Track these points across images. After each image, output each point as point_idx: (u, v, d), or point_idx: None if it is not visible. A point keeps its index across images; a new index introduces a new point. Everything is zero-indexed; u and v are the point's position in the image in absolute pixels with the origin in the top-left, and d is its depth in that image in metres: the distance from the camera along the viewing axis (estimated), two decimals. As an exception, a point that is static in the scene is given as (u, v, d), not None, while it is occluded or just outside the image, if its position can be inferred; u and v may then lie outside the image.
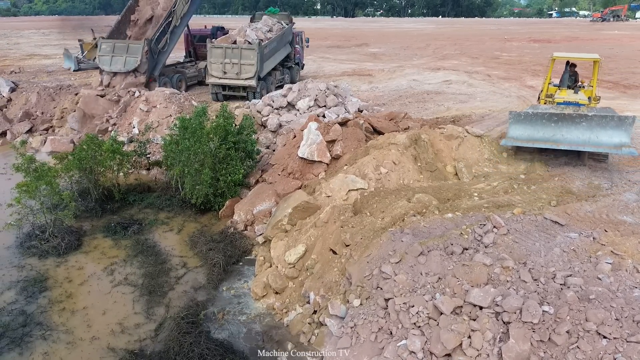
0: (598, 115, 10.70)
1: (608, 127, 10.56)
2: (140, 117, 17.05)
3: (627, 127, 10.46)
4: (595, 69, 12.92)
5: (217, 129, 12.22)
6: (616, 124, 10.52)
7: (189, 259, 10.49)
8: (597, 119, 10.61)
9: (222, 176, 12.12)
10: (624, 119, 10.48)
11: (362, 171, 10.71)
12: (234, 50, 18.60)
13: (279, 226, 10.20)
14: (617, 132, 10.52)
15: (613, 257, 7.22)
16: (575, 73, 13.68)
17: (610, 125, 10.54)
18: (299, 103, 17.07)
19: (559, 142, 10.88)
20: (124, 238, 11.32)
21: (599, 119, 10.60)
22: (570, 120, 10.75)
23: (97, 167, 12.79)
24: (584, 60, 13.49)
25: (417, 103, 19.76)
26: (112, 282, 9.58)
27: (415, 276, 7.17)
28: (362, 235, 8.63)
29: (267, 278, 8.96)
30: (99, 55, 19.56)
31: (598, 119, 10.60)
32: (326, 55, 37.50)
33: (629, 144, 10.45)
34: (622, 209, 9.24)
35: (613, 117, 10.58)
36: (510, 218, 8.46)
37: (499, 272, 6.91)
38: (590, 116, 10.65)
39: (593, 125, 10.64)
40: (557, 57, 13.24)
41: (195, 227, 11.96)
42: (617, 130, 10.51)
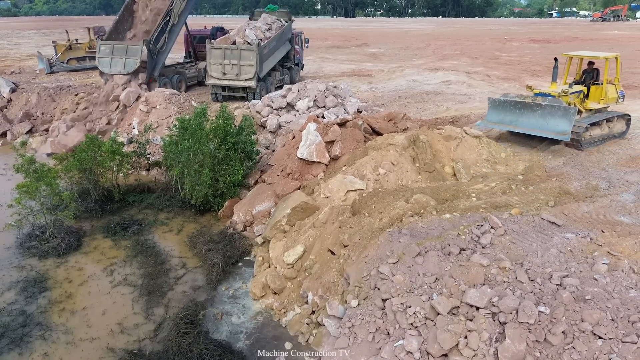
0: (549, 105, 12.20)
1: (556, 116, 12.08)
2: (140, 117, 17.09)
3: (570, 116, 11.85)
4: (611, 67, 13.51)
5: (217, 130, 12.27)
6: (562, 114, 11.97)
7: (189, 259, 10.53)
8: (548, 108, 12.18)
9: (222, 177, 12.17)
10: (569, 110, 11.94)
11: (361, 172, 10.75)
12: (233, 51, 18.64)
13: (278, 227, 10.24)
14: (562, 121, 11.98)
15: (609, 257, 7.27)
16: (594, 70, 13.99)
17: (557, 115, 12.04)
18: (299, 104, 17.11)
19: (518, 126, 12.77)
20: (123, 238, 11.37)
21: (550, 109, 12.16)
22: (529, 108, 12.52)
23: (97, 168, 12.84)
24: (598, 58, 13.80)
25: (416, 103, 19.81)
26: (111, 283, 9.62)
27: (412, 277, 7.22)
28: (361, 236, 8.67)
29: (266, 278, 9.01)
30: (98, 57, 19.59)
31: (549, 108, 12.16)
32: (326, 56, 37.55)
33: (569, 131, 11.96)
34: (620, 209, 9.28)
35: (560, 107, 12.05)
36: (508, 218, 8.50)
37: (495, 272, 6.95)
38: (544, 105, 12.25)
39: (545, 113, 12.25)
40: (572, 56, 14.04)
41: (195, 228, 12.00)
42: (562, 120, 11.97)
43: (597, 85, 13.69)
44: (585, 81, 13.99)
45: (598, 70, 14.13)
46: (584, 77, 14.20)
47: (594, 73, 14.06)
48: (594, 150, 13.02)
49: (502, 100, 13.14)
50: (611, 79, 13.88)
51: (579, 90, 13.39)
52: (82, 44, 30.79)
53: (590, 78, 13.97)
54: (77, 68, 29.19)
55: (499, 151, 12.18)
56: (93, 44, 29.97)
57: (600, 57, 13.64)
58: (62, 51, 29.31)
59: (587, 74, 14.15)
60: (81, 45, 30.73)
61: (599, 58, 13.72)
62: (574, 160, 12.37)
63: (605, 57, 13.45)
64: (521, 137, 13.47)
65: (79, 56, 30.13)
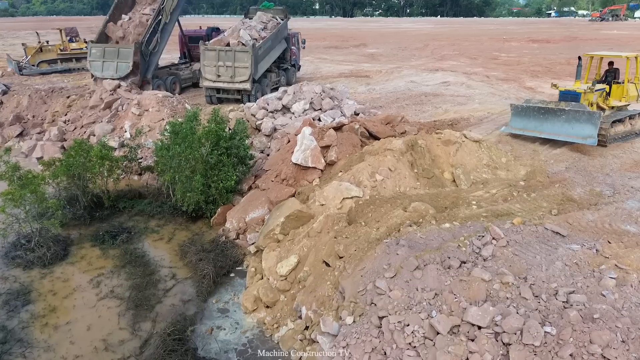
0: (573, 110, 12.20)
1: (581, 120, 12.12)
2: (133, 120, 16.72)
3: (595, 120, 11.89)
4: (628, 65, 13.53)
5: (209, 134, 11.90)
6: (587, 118, 11.99)
7: (179, 269, 10.17)
8: (572, 113, 12.18)
9: (214, 183, 11.80)
10: (593, 114, 11.96)
11: (357, 178, 10.40)
12: (228, 52, 18.25)
13: (271, 236, 9.88)
14: (587, 125, 12.02)
15: (617, 271, 6.91)
16: (615, 70, 14.17)
17: (582, 119, 12.07)
18: (294, 106, 16.75)
19: (543, 131, 12.77)
20: (112, 247, 11.00)
21: (574, 113, 12.16)
22: (553, 113, 12.54)
23: (85, 174, 12.46)
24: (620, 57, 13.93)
25: (414, 105, 19.45)
26: (97, 295, 9.25)
27: (410, 292, 6.85)
28: (357, 247, 8.32)
29: (258, 291, 8.65)
30: (90, 61, 19.15)
31: (573, 113, 12.16)
32: (323, 56, 37.20)
33: (595, 135, 11.95)
34: (626, 217, 8.93)
35: (584, 112, 12.05)
36: (510, 228, 8.15)
37: (498, 288, 6.59)
38: (567, 110, 12.27)
39: (570, 118, 12.27)
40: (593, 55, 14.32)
41: (186, 236, 11.64)
42: (587, 124, 12.01)
43: (618, 84, 13.89)
44: (607, 80, 14.22)
45: (618, 69, 14.34)
46: (605, 76, 14.44)
47: (615, 72, 14.27)
48: (597, 154, 12.67)
49: (525, 106, 13.23)
50: (631, 78, 14.09)
51: (602, 89, 13.56)
52: (54, 46, 29.60)
53: (612, 77, 14.19)
54: (47, 71, 28.12)
55: (500, 156, 11.83)
56: (66, 45, 29.21)
57: (622, 56, 13.82)
58: (32, 54, 28.26)
59: (608, 73, 14.39)
60: (52, 48, 29.53)
61: (621, 57, 13.90)
62: (577, 164, 12.03)
63: (626, 57, 13.63)
64: (521, 140, 13.17)
65: (49, 59, 29.00)
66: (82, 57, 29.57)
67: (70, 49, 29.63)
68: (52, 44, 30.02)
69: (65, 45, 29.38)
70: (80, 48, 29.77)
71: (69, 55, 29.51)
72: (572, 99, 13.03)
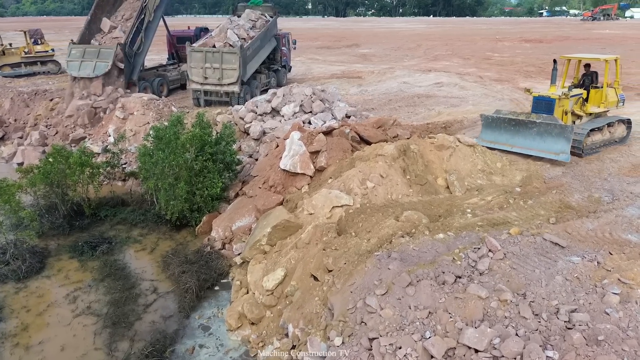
0: (545, 122, 11.48)
1: (553, 134, 11.38)
2: (117, 124, 16.19)
3: (568, 135, 11.17)
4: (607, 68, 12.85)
5: (193, 139, 11.42)
6: (559, 132, 11.28)
7: (160, 282, 9.69)
8: (544, 126, 11.47)
9: (199, 190, 11.33)
10: (565, 128, 11.23)
11: (348, 185, 9.96)
12: (215, 54, 17.73)
13: (257, 247, 9.43)
14: (559, 139, 11.29)
15: (620, 286, 6.52)
16: (593, 73, 13.40)
17: (554, 133, 11.35)
18: (284, 109, 16.30)
19: (515, 145, 11.95)
20: (91, 259, 10.50)
21: (545, 126, 11.45)
22: (524, 125, 11.82)
23: (65, 181, 11.94)
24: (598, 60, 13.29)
25: (407, 107, 19.07)
26: (73, 312, 8.75)
27: (403, 310, 6.43)
28: (346, 260, 7.89)
29: (243, 307, 8.19)
30: (68, 61, 18.54)
31: (545, 126, 11.45)
32: (315, 57, 36.77)
33: (567, 151, 11.26)
34: (626, 226, 8.58)
35: (556, 125, 11.33)
36: (507, 239, 7.75)
37: (495, 306, 6.19)
38: (539, 123, 11.56)
39: (541, 132, 11.54)
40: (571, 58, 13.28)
41: (170, 246, 11.16)
42: (559, 138, 11.29)
43: (596, 89, 13.01)
44: (585, 84, 13.36)
45: (597, 73, 13.53)
46: (582, 80, 13.58)
47: (593, 76, 13.44)
48: (594, 158, 12.34)
49: (494, 117, 12.41)
50: (611, 82, 13.28)
51: (579, 94, 12.76)
52: (17, 49, 28.07)
53: (590, 81, 13.34)
54: (9, 75, 26.80)
55: (495, 160, 11.45)
56: (30, 48, 27.93)
57: (600, 59, 13.03)
58: None
59: (586, 76, 13.52)
60: (16, 51, 27.98)
61: (599, 60, 13.12)
62: (574, 169, 11.68)
63: (605, 59, 12.85)
64: None
65: (12, 62, 27.51)
66: (48, 60, 28.65)
67: (35, 52, 28.20)
68: (16, 47, 28.47)
69: (29, 47, 27.96)
70: (45, 51, 28.53)
71: (34, 59, 28.13)
72: (546, 105, 12.16)
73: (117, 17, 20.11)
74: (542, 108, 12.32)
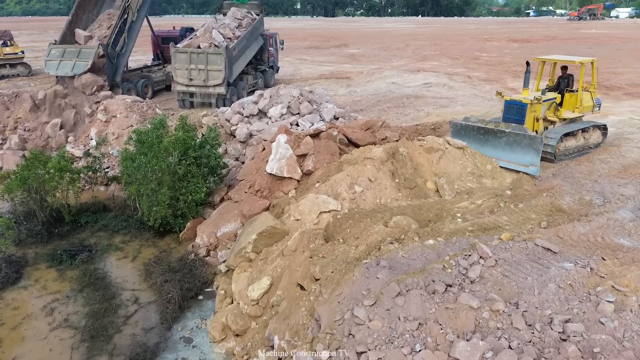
0: (513, 132, 10.98)
1: (522, 144, 10.88)
2: (99, 128, 15.78)
3: (537, 146, 10.67)
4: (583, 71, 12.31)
5: (176, 143, 11.08)
6: (528, 143, 10.77)
7: (142, 292, 9.34)
8: (513, 136, 10.96)
9: (182, 195, 11.00)
10: (535, 139, 10.69)
11: (335, 190, 9.71)
12: (200, 55, 17.37)
13: (243, 254, 9.13)
14: (528, 151, 10.79)
15: (615, 293, 6.35)
16: (569, 76, 12.92)
17: (523, 144, 10.85)
18: (271, 110, 16.02)
19: (485, 154, 11.28)
20: (70, 268, 10.11)
21: (514, 136, 10.94)
22: (493, 134, 11.37)
23: (43, 187, 11.53)
24: (573, 62, 12.72)
25: (396, 108, 18.89)
26: (50, 325, 8.37)
27: (392, 322, 6.19)
28: (334, 268, 7.63)
29: (227, 318, 7.89)
30: (46, 60, 18.04)
31: (514, 136, 10.94)
32: (304, 57, 36.49)
33: (537, 164, 10.81)
34: (619, 229, 8.45)
35: (525, 135, 10.83)
36: (498, 246, 7.55)
37: (487, 316, 5.98)
38: (507, 132, 11.08)
39: (510, 141, 11.03)
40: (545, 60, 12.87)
41: (153, 253, 10.81)
42: (529, 150, 10.78)
43: (571, 93, 12.55)
44: (560, 87, 12.88)
45: (572, 75, 12.99)
46: (558, 83, 13.10)
47: (569, 79, 12.91)
48: (584, 159, 12.25)
49: (463, 124, 11.97)
50: (587, 86, 12.73)
51: (552, 98, 12.26)
52: None
53: (566, 84, 12.84)
54: None
55: (485, 163, 11.26)
56: None
57: (575, 62, 12.51)
58: None
59: (561, 79, 13.01)
60: None
61: (574, 62, 12.59)
62: (564, 171, 11.58)
63: (580, 62, 12.36)
64: None
65: None
66: (18, 63, 27.60)
67: (4, 54, 27.25)
68: None
69: None
70: (14, 53, 27.57)
71: (2, 61, 27.18)
72: (518, 110, 11.67)
73: (95, 26, 19.60)
74: (513, 113, 11.82)
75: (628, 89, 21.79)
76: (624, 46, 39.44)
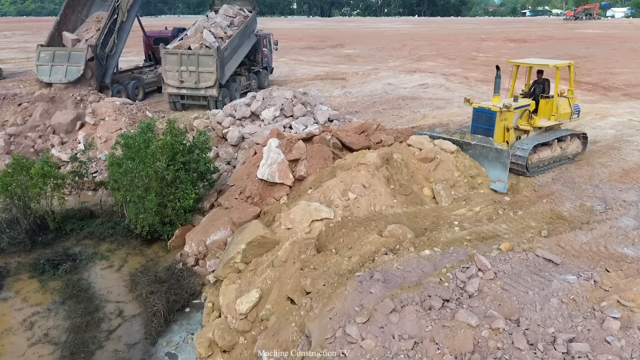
0: (479, 144, 10.47)
1: (489, 158, 10.36)
2: (87, 131, 15.39)
3: (505, 160, 10.08)
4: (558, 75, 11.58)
5: (164, 148, 10.71)
6: (495, 157, 10.24)
7: (127, 304, 8.98)
8: (479, 149, 10.46)
9: (170, 202, 10.62)
10: (502, 152, 10.11)
11: (328, 197, 9.36)
12: (190, 56, 16.95)
13: (231, 264, 8.78)
14: (495, 165, 10.25)
15: (620, 309, 6.03)
16: (545, 81, 11.99)
17: (490, 157, 10.35)
18: (264, 113, 15.64)
19: None
20: (53, 279, 9.73)
21: (480, 149, 10.44)
22: (459, 146, 10.73)
23: (27, 193, 11.14)
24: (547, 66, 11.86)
25: (391, 110, 18.54)
26: (29, 340, 8.01)
27: (386, 341, 5.85)
28: (325, 281, 7.28)
29: (214, 333, 7.53)
30: (37, 65, 17.61)
31: (480, 148, 10.45)
32: (299, 58, 36.11)
33: (505, 180, 10.21)
34: (622, 238, 8.14)
35: (491, 148, 10.31)
36: (497, 257, 7.22)
37: (487, 335, 5.64)
38: (473, 145, 10.56)
39: (477, 155, 10.53)
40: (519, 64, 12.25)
41: (140, 262, 10.44)
42: (496, 164, 10.24)
43: (547, 99, 11.60)
44: (535, 93, 11.95)
45: (548, 80, 11.99)
46: (533, 89, 12.13)
47: (545, 84, 11.94)
48: (584, 163, 11.94)
49: (429, 135, 11.25)
50: (564, 92, 11.82)
51: (525, 105, 11.40)
52: None
53: (541, 90, 11.88)
54: None
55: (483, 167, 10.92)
56: None
57: (549, 65, 11.65)
58: None
59: (536, 85, 12.05)
60: None
61: (548, 66, 11.72)
62: (564, 175, 11.26)
63: (555, 66, 11.48)
64: None
65: None
66: None
67: None
68: None
69: None
70: None
71: None
72: (487, 119, 10.81)
73: (83, 29, 19.15)
74: (482, 122, 10.99)
75: (626, 90, 21.51)
76: (621, 46, 39.26)
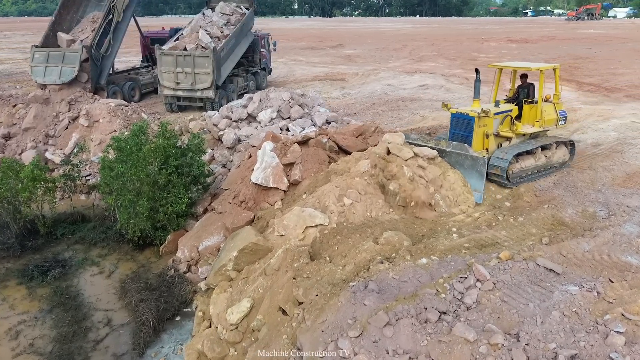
0: (455, 152, 9.97)
1: (464, 166, 9.87)
2: (81, 133, 15.16)
3: (481, 168, 9.60)
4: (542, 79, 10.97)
5: (156, 151, 10.47)
6: (470, 165, 9.75)
7: (116, 312, 8.74)
8: (454, 156, 9.97)
9: (162, 207, 10.38)
10: (477, 160, 9.62)
11: (323, 202, 9.11)
12: (186, 58, 16.69)
13: (223, 272, 8.54)
14: (472, 174, 9.77)
15: (625, 323, 5.77)
16: (529, 85, 11.48)
17: (465, 165, 9.86)
18: (261, 115, 15.41)
19: None
20: (41, 285, 9.50)
21: (456, 156, 9.95)
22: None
23: (16, 197, 10.91)
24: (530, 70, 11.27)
25: (391, 112, 18.29)
26: (14, 350, 7.77)
27: (379, 356, 5.59)
28: (318, 291, 7.03)
29: (203, 344, 7.29)
30: (32, 66, 17.40)
31: (455, 156, 9.96)
32: (299, 58, 35.86)
33: (482, 190, 9.74)
34: (626, 246, 7.86)
35: (467, 156, 9.79)
36: (496, 266, 6.96)
37: (485, 351, 5.38)
38: (448, 152, 10.06)
39: (452, 162, 10.01)
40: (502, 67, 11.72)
41: (131, 268, 10.20)
42: (472, 172, 9.75)
43: (531, 104, 11.03)
44: (519, 98, 11.42)
45: (533, 85, 11.43)
46: (517, 93, 11.61)
47: (529, 89, 11.42)
48: (586, 167, 11.64)
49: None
50: (550, 96, 11.25)
51: (507, 110, 10.77)
52: None
53: (525, 95, 11.37)
54: None
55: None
56: None
57: (532, 69, 11.02)
58: None
59: (521, 89, 11.54)
60: None
61: (531, 69, 11.09)
62: (565, 179, 10.98)
63: (539, 69, 10.91)
64: None
65: None
66: None
67: None
68: None
69: None
70: None
71: None
72: (465, 125, 10.29)
73: (78, 29, 18.91)
74: (460, 128, 10.46)
75: (629, 91, 21.22)
76: (623, 46, 38.94)
